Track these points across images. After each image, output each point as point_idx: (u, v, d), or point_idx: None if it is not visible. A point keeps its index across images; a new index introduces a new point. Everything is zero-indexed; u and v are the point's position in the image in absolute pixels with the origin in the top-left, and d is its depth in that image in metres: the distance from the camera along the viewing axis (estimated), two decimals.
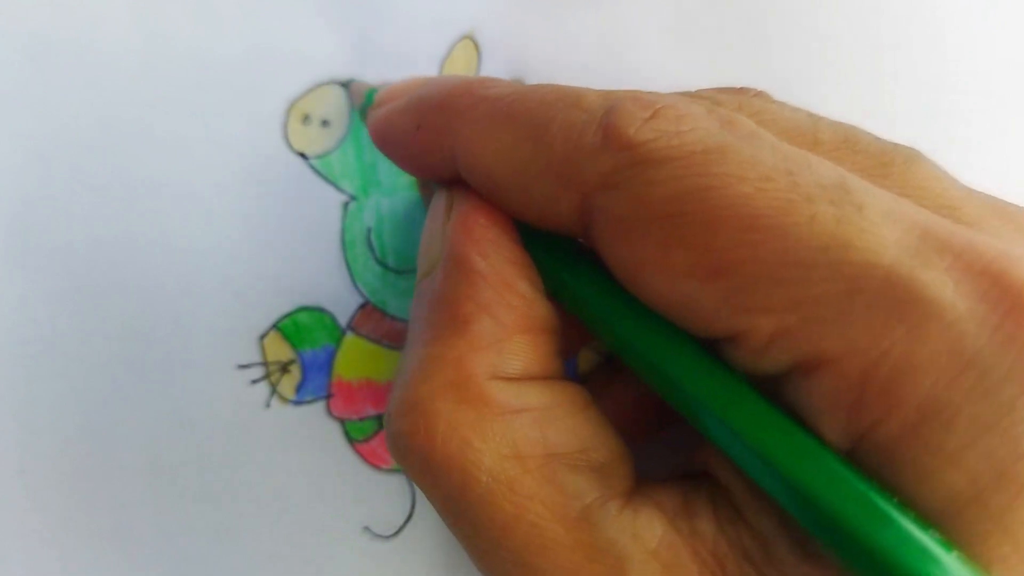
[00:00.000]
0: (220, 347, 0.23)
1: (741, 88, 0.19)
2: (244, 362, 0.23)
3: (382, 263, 0.23)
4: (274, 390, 0.23)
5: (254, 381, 0.23)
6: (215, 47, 0.23)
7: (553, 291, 0.16)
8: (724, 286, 0.13)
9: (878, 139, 0.16)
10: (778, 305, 0.13)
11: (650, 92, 0.15)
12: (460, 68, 0.24)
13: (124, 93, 0.23)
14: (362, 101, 0.22)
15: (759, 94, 0.18)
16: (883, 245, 0.12)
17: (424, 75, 0.21)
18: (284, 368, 0.23)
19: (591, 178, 0.14)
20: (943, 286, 0.12)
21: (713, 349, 0.14)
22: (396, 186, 0.24)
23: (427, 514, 0.23)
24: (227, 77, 0.23)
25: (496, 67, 0.24)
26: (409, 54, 0.24)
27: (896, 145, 0.16)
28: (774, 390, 0.14)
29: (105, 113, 0.23)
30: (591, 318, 0.16)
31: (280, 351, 0.23)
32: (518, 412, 0.15)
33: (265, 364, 0.23)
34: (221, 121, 0.23)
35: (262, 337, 0.23)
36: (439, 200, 0.18)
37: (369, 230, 0.23)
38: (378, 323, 0.23)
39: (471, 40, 0.24)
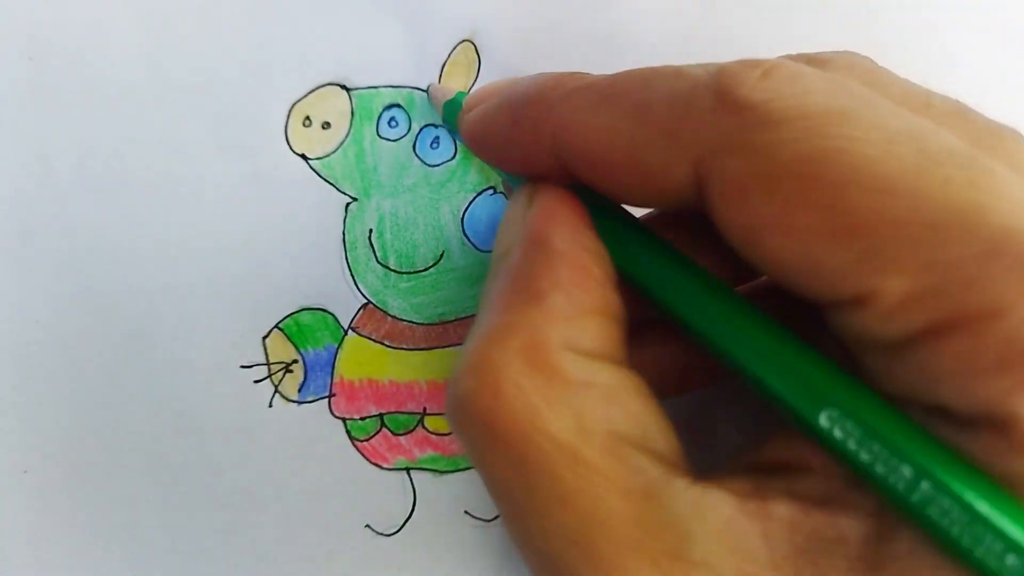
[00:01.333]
0: (223, 347, 0.23)
1: (845, 51, 0.18)
2: (247, 362, 0.23)
3: (383, 264, 0.24)
4: (277, 390, 0.23)
5: (257, 381, 0.23)
6: (216, 49, 0.23)
7: (629, 279, 0.17)
8: (855, 247, 0.13)
9: (985, 116, 0.16)
10: (912, 266, 0.13)
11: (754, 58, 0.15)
12: (460, 71, 0.24)
13: (125, 94, 0.23)
14: (447, 99, 0.22)
15: (865, 57, 0.18)
16: (1021, 208, 0.12)
17: (508, 78, 0.21)
18: (287, 368, 0.23)
19: (706, 142, 0.14)
20: None
21: (830, 316, 0.14)
22: (397, 187, 0.24)
23: (428, 513, 0.24)
24: (228, 79, 0.23)
25: (496, 69, 0.24)
26: (410, 57, 0.24)
27: (1004, 125, 0.16)
28: (889, 358, 0.14)
29: (106, 114, 0.23)
30: (670, 304, 0.16)
31: (283, 351, 0.23)
32: (586, 386, 0.15)
33: (268, 364, 0.23)
34: (222, 123, 0.23)
35: (265, 337, 0.23)
36: (521, 192, 0.18)
37: (370, 231, 0.24)
38: (379, 323, 0.24)
39: (471, 43, 0.24)
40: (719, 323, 0.15)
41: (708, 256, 0.18)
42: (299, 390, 0.23)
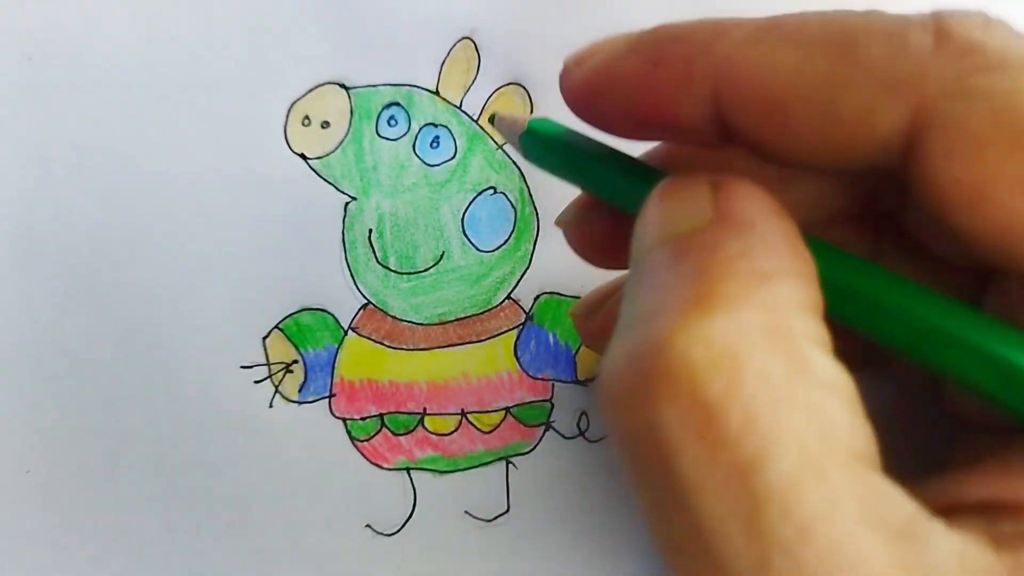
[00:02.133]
0: (223, 347, 0.23)
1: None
2: (247, 363, 0.23)
3: (383, 264, 0.24)
4: (277, 390, 0.23)
5: (257, 381, 0.23)
6: (215, 48, 0.23)
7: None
8: None
9: None
10: None
11: None
12: (460, 69, 0.24)
13: (125, 94, 0.23)
14: (520, 128, 0.19)
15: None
16: None
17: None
18: (287, 368, 0.23)
19: (932, 84, 0.12)
20: None
21: None
22: (397, 187, 0.24)
23: (428, 513, 0.24)
24: (227, 78, 0.23)
25: (496, 68, 0.24)
26: (409, 55, 0.24)
27: None
28: None
29: (106, 114, 0.23)
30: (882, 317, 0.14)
31: (283, 351, 0.23)
32: (831, 388, 0.12)
33: (268, 364, 0.23)
34: (221, 122, 0.23)
35: (265, 338, 0.23)
36: (691, 179, 0.14)
37: (370, 231, 0.24)
38: (379, 323, 0.24)
39: (471, 41, 0.24)
40: (943, 342, 0.13)
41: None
42: (299, 390, 0.23)
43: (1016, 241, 0.12)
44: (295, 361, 0.23)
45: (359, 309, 0.24)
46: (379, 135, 0.24)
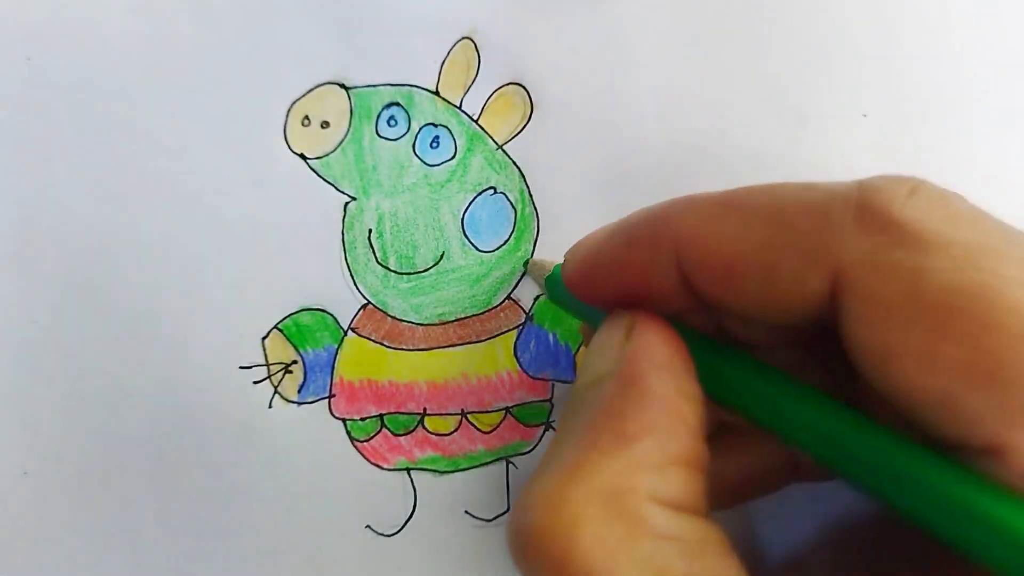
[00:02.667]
0: (222, 348, 0.23)
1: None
2: (246, 363, 0.23)
3: (383, 264, 0.24)
4: (276, 391, 0.23)
5: (256, 382, 0.23)
6: (215, 48, 0.23)
7: (733, 402, 0.16)
8: (996, 395, 0.12)
9: None
10: None
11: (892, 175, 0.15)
12: (460, 69, 0.24)
13: (125, 94, 0.23)
14: (547, 273, 0.22)
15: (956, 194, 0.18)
16: None
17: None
18: (286, 369, 0.23)
19: (848, 256, 0.14)
20: None
21: (960, 458, 0.13)
22: (397, 187, 0.24)
23: (428, 513, 0.24)
24: (227, 78, 0.23)
25: (495, 68, 0.24)
26: (409, 55, 0.24)
27: None
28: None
29: (105, 114, 0.23)
30: (782, 424, 0.16)
31: (282, 352, 0.23)
32: (670, 539, 0.14)
33: (267, 365, 0.23)
34: (221, 122, 0.23)
35: (264, 338, 0.23)
36: (617, 320, 0.17)
37: (370, 231, 0.23)
38: (379, 324, 0.24)
39: (470, 41, 0.24)
40: (844, 448, 0.14)
41: (821, 377, 0.17)
42: (299, 391, 0.23)
43: (917, 410, 0.13)
44: (294, 361, 0.23)
45: (359, 309, 0.23)
46: (379, 135, 0.23)
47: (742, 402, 0.16)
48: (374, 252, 0.24)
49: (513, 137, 0.24)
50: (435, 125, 0.24)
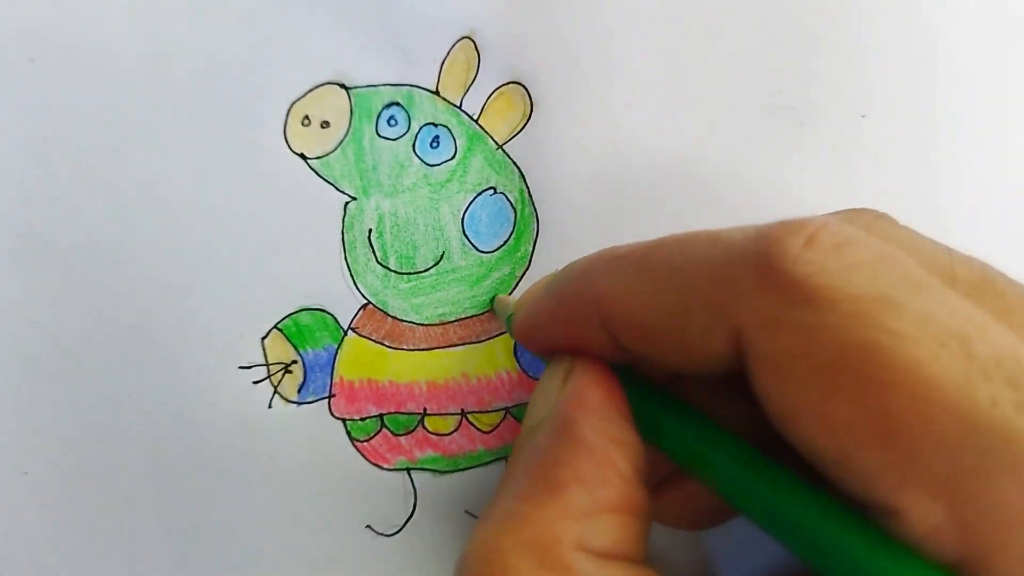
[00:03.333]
0: (222, 348, 0.23)
1: (862, 209, 0.18)
2: (246, 363, 0.23)
3: (383, 264, 0.24)
4: (276, 391, 0.23)
5: (256, 382, 0.23)
6: (215, 47, 0.23)
7: (665, 448, 0.17)
8: (890, 454, 0.12)
9: (1012, 280, 0.16)
10: (949, 493, 0.12)
11: (795, 217, 0.15)
12: (460, 68, 0.24)
13: (124, 94, 0.23)
14: (509, 312, 0.22)
15: (881, 215, 0.17)
16: None
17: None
18: (286, 368, 0.23)
19: (745, 315, 0.14)
20: None
21: (868, 514, 0.13)
22: (397, 187, 0.24)
23: (428, 513, 0.24)
24: (227, 77, 0.23)
25: (495, 67, 0.24)
26: (409, 54, 0.23)
27: None
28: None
29: (105, 114, 0.23)
30: (711, 476, 0.16)
31: (282, 352, 0.23)
32: None
33: (267, 365, 0.23)
34: (221, 122, 0.23)
35: (264, 338, 0.23)
36: (558, 364, 0.18)
37: (370, 231, 0.23)
38: (379, 323, 0.24)
39: (470, 40, 0.24)
40: (767, 509, 0.15)
41: (752, 413, 0.17)
42: (298, 391, 0.23)
43: (817, 465, 0.13)
44: (294, 361, 0.23)
45: (359, 309, 0.23)
46: (379, 135, 0.23)
47: (671, 450, 0.17)
48: (374, 252, 0.24)
49: (513, 137, 0.24)
50: (435, 125, 0.24)
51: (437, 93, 0.24)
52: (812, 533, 0.14)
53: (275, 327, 0.23)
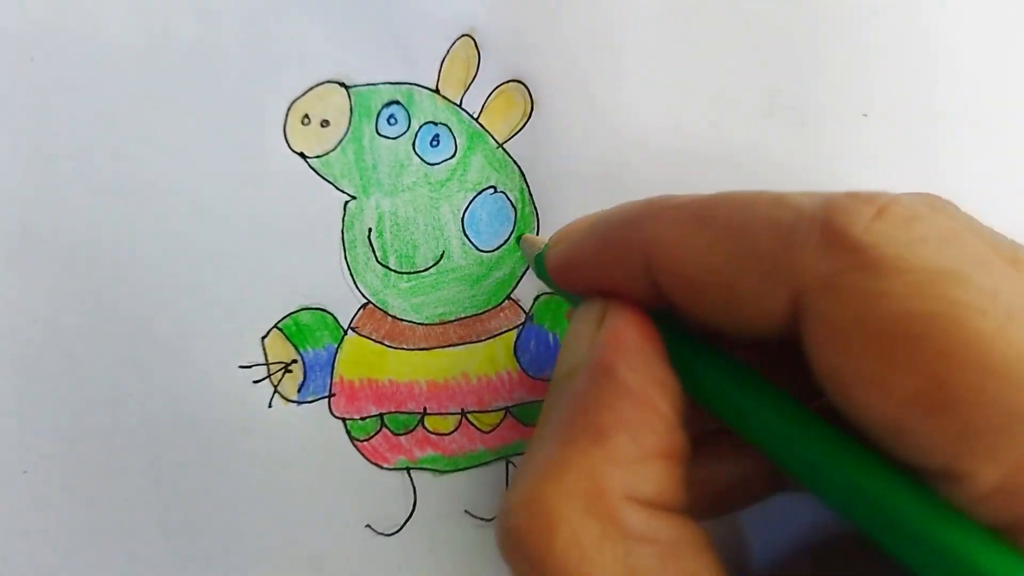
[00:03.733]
0: (222, 347, 0.23)
1: (928, 194, 0.18)
2: (246, 362, 0.23)
3: (383, 263, 0.24)
4: (276, 390, 0.23)
5: (256, 381, 0.23)
6: (215, 46, 0.23)
7: (703, 399, 0.16)
8: (950, 423, 0.12)
9: None
10: (1009, 459, 0.12)
11: (864, 191, 0.14)
12: (460, 67, 0.24)
13: (124, 93, 0.23)
14: (537, 251, 0.21)
15: (948, 202, 0.17)
16: None
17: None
18: (286, 368, 0.23)
19: (808, 278, 0.14)
20: None
21: (920, 478, 0.13)
22: (397, 186, 0.24)
23: (428, 512, 0.24)
24: (227, 77, 0.23)
25: (496, 66, 0.24)
26: (409, 53, 0.23)
27: None
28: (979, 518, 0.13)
29: (105, 113, 0.23)
30: (754, 437, 0.15)
31: (282, 351, 0.23)
32: (645, 541, 0.14)
33: (267, 364, 0.23)
34: (221, 121, 0.23)
35: (264, 337, 0.23)
36: (591, 307, 0.17)
37: (370, 230, 0.23)
38: (379, 323, 0.24)
39: (471, 39, 0.24)
40: (808, 460, 0.14)
41: (792, 381, 0.17)
42: (298, 390, 0.23)
43: (871, 431, 0.13)
44: (294, 361, 0.23)
45: (359, 309, 0.23)
46: (379, 134, 0.23)
47: (711, 401, 0.16)
48: (374, 251, 0.23)
49: (513, 135, 0.24)
50: (435, 123, 0.24)
51: (437, 91, 0.24)
52: (864, 493, 0.13)
53: (275, 326, 0.23)
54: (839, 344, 0.13)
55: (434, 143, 0.24)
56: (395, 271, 0.24)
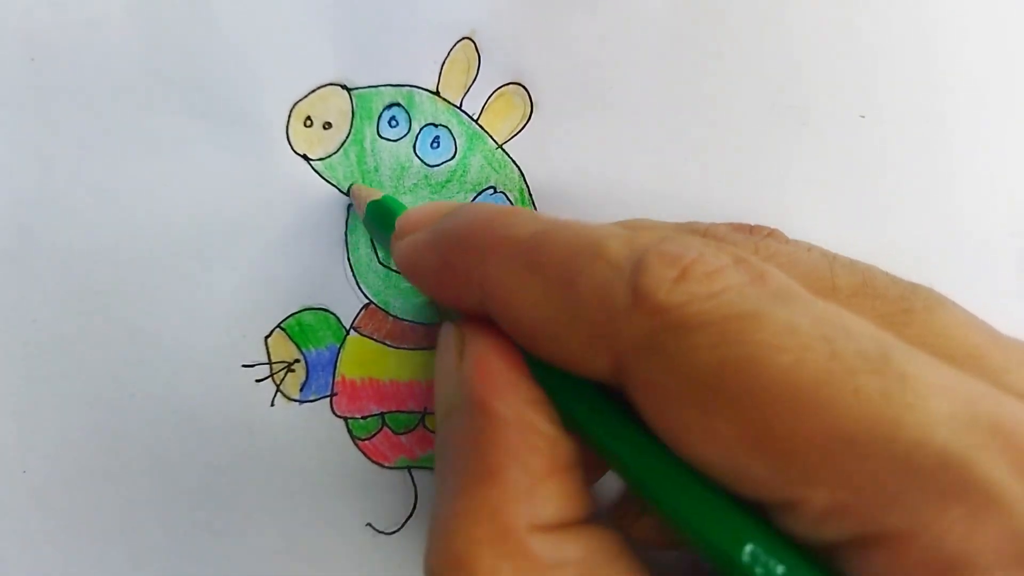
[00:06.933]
0: (225, 347, 0.23)
1: (753, 227, 0.19)
2: (249, 362, 0.23)
3: (385, 264, 0.24)
4: (279, 389, 0.23)
5: (259, 380, 0.23)
6: (216, 49, 0.23)
7: (567, 424, 0.16)
8: (772, 458, 0.13)
9: (895, 280, 0.16)
10: (829, 480, 0.12)
11: (675, 237, 0.15)
12: (460, 69, 0.24)
13: (125, 94, 0.23)
14: (363, 209, 0.22)
15: (772, 233, 0.18)
16: (933, 422, 0.12)
17: (439, 202, 0.21)
18: (289, 367, 0.23)
19: (625, 340, 0.14)
20: (998, 469, 0.12)
21: (768, 514, 0.14)
22: (398, 188, 0.24)
23: (429, 511, 0.24)
24: (229, 79, 0.23)
25: (495, 67, 0.24)
26: (409, 55, 0.24)
27: (915, 287, 0.16)
28: (834, 557, 0.13)
29: (105, 114, 0.23)
30: (610, 457, 0.15)
31: (285, 350, 0.23)
32: (558, 568, 0.14)
33: (270, 363, 0.23)
34: (223, 123, 0.23)
35: (267, 337, 0.23)
36: (448, 336, 0.17)
37: None
38: (381, 323, 0.24)
39: (470, 41, 0.24)
40: (648, 476, 0.15)
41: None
42: (301, 389, 0.23)
43: (709, 473, 0.14)
44: (297, 360, 0.23)
45: (361, 309, 0.24)
46: (380, 136, 0.24)
47: (571, 422, 0.16)
48: (376, 253, 0.24)
49: (513, 137, 0.24)
50: (435, 125, 0.24)
51: (437, 93, 0.24)
52: (695, 526, 0.14)
53: (278, 326, 0.23)
54: (659, 400, 0.14)
55: (435, 145, 0.24)
56: (397, 272, 0.24)
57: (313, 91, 0.23)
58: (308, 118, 0.23)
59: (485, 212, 0.17)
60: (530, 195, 0.24)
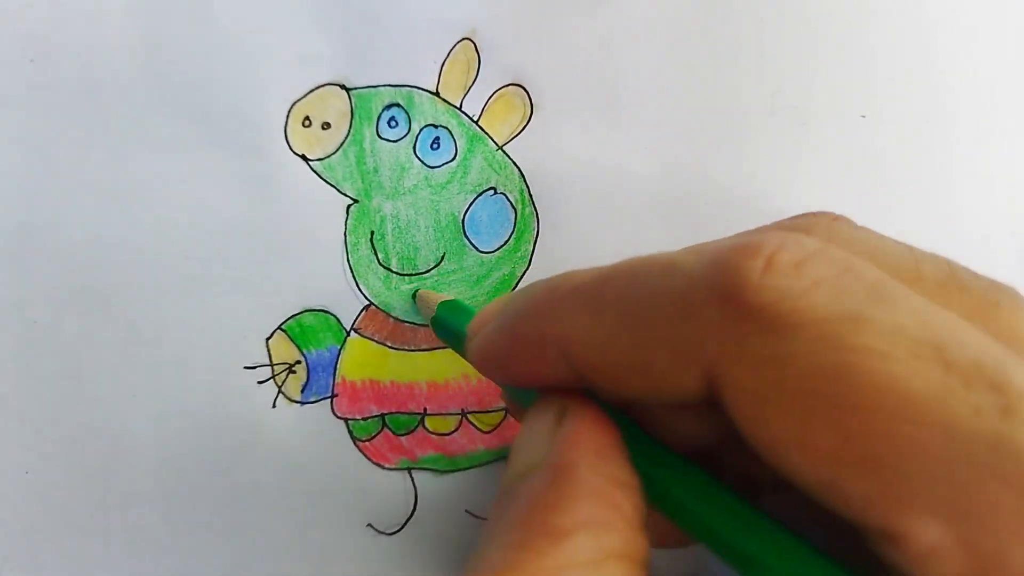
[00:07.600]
0: (226, 348, 0.23)
1: (819, 213, 0.17)
2: (250, 363, 0.23)
3: (385, 266, 0.24)
4: (280, 390, 0.23)
5: (260, 382, 0.23)
6: (215, 49, 0.23)
7: (660, 504, 0.16)
8: (881, 477, 0.12)
9: (978, 276, 0.15)
10: (946, 510, 0.11)
11: (747, 232, 0.14)
12: (460, 69, 0.24)
13: (124, 94, 0.23)
14: (431, 312, 0.22)
15: (839, 219, 0.17)
16: None
17: (502, 295, 0.21)
18: (290, 369, 0.23)
19: (714, 349, 0.13)
20: None
21: (869, 545, 0.13)
22: (398, 189, 0.24)
23: (429, 512, 0.24)
24: (228, 79, 0.23)
25: (495, 68, 0.24)
26: (409, 56, 0.24)
27: (999, 285, 0.15)
28: None
29: (105, 114, 0.23)
30: (708, 536, 0.15)
31: (286, 352, 0.23)
32: None
33: (271, 365, 0.23)
34: (222, 123, 0.23)
35: (268, 339, 0.23)
36: (548, 404, 0.17)
37: (372, 233, 0.24)
38: (381, 324, 0.24)
39: (471, 41, 0.24)
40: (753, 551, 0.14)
41: (724, 433, 0.16)
42: (302, 391, 0.23)
43: (809, 493, 0.13)
44: (298, 362, 0.23)
45: (361, 310, 0.24)
46: (380, 136, 0.24)
47: (659, 501, 0.16)
48: (376, 254, 0.24)
49: (513, 138, 0.24)
50: (435, 126, 0.24)
51: (437, 94, 0.24)
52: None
53: (279, 328, 0.23)
54: (756, 410, 0.13)
55: (435, 146, 0.24)
56: (397, 273, 0.24)
57: (312, 91, 0.23)
58: (307, 118, 0.23)
59: (544, 281, 0.17)
60: (531, 196, 0.24)
